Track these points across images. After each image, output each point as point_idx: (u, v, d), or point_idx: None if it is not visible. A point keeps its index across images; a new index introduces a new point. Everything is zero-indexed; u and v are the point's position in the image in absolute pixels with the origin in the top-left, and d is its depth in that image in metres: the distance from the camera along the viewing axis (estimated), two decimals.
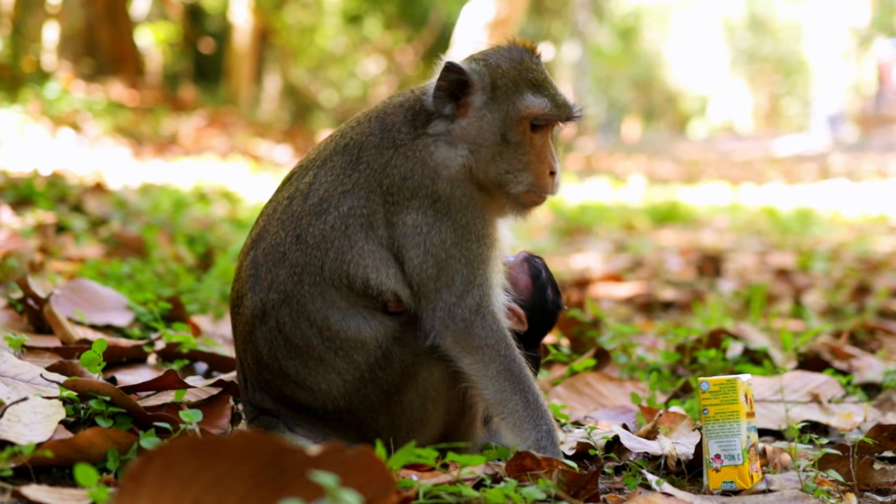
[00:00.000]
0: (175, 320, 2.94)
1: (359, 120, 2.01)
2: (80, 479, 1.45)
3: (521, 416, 1.89)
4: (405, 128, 1.94)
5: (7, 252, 3.64)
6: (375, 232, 1.88)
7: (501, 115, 1.94)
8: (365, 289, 1.87)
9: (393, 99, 2.02)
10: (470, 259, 1.88)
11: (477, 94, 1.94)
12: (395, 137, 1.93)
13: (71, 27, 14.59)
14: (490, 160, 1.93)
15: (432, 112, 1.93)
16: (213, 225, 5.95)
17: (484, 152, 1.93)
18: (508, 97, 1.94)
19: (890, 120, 26.26)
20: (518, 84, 1.95)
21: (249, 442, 1.32)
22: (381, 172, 1.91)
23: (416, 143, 1.92)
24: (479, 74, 1.94)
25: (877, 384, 2.95)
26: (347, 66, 23.03)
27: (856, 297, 5.14)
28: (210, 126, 14.76)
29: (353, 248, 1.87)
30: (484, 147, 1.93)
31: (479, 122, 1.93)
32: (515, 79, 1.95)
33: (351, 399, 1.89)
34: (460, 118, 1.93)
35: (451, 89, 1.93)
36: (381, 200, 1.90)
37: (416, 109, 1.95)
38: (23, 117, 10.80)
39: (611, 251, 7.36)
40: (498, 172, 1.93)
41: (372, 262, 1.87)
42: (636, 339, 3.36)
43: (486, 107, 1.93)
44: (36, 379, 2.02)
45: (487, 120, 1.93)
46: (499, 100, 1.94)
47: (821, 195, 12.59)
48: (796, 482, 1.96)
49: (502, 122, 1.94)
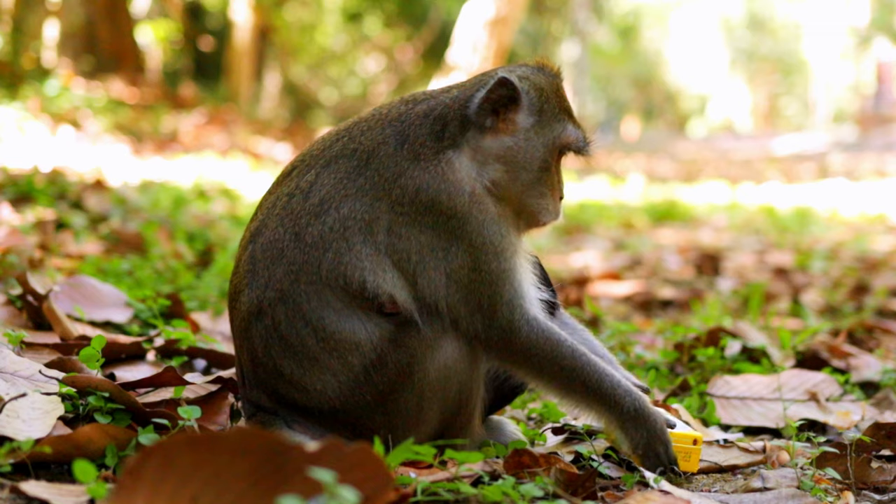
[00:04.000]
0: (174, 317, 2.94)
1: (370, 125, 1.95)
2: (79, 474, 1.45)
3: (598, 407, 1.90)
4: (430, 140, 1.90)
5: (7, 248, 3.64)
6: (374, 237, 1.86)
7: (546, 140, 1.94)
8: (361, 291, 1.86)
9: (415, 107, 1.95)
10: (492, 280, 1.87)
11: (523, 114, 1.93)
12: (416, 150, 1.89)
13: (71, 24, 14.59)
14: (529, 184, 1.93)
15: (465, 122, 1.90)
16: (212, 222, 5.95)
17: (524, 176, 1.93)
18: (553, 124, 1.95)
19: (889, 119, 26.28)
20: (560, 112, 1.96)
21: (247, 438, 1.33)
22: (392, 182, 1.88)
23: (438, 156, 1.89)
24: (529, 96, 1.93)
25: (874, 383, 2.96)
26: (347, 63, 23.03)
27: (854, 295, 5.15)
28: (210, 123, 14.75)
29: (351, 251, 1.86)
30: (525, 171, 1.93)
31: (526, 143, 1.92)
32: (557, 106, 1.97)
33: (346, 399, 1.89)
34: (501, 135, 1.92)
35: (498, 104, 1.91)
36: (388, 209, 1.87)
37: (446, 120, 1.91)
38: (23, 114, 10.79)
39: (609, 249, 7.36)
40: (532, 196, 1.94)
41: (369, 265, 1.86)
42: (635, 337, 3.36)
43: (534, 129, 1.93)
44: (35, 375, 2.02)
45: (533, 143, 1.93)
46: (545, 125, 1.94)
47: (819, 194, 12.60)
48: (794, 480, 1.96)
49: (546, 148, 1.94)
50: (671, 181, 14.97)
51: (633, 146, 24.98)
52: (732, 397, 2.62)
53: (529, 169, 1.93)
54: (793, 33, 39.48)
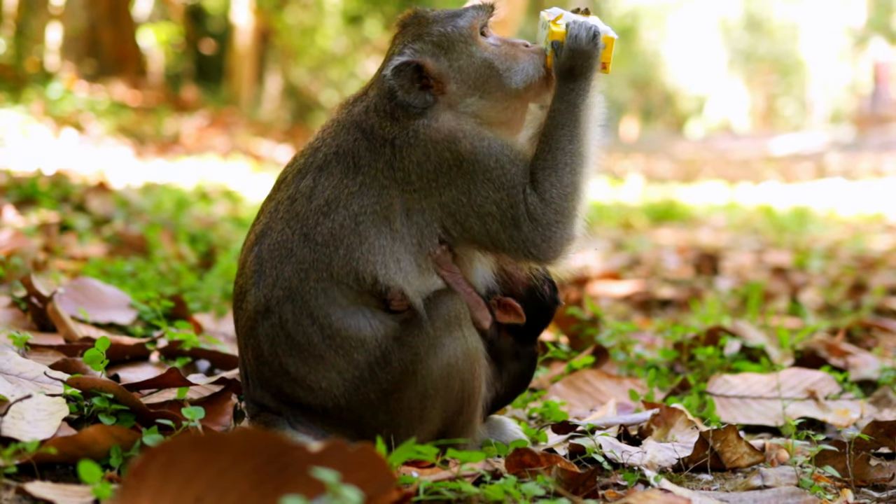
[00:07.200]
0: (177, 318, 2.95)
1: (335, 132, 2.00)
2: (84, 475, 1.46)
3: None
4: (387, 123, 1.95)
5: (11, 251, 3.66)
6: (391, 226, 1.90)
7: (470, 48, 1.99)
8: (373, 284, 1.88)
9: (353, 109, 2.01)
10: (515, 182, 1.93)
11: (437, 63, 1.97)
12: (384, 136, 1.94)
13: (74, 28, 14.60)
14: (498, 80, 1.98)
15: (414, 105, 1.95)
16: (214, 224, 5.96)
17: (490, 84, 1.98)
18: (453, 38, 1.99)
19: (886, 119, 26.28)
20: (445, 23, 2.01)
21: (251, 439, 1.34)
22: (388, 168, 1.92)
23: (408, 131, 1.94)
24: (426, 52, 1.98)
25: (873, 381, 2.97)
26: (348, 66, 23.02)
27: (852, 294, 5.16)
28: (212, 126, 14.77)
29: (364, 245, 1.89)
30: (485, 82, 1.98)
31: (462, 73, 1.98)
32: (439, 21, 2.01)
33: (350, 397, 1.90)
34: (444, 91, 1.96)
35: (415, 81, 1.95)
36: (399, 192, 1.91)
37: (388, 108, 1.95)
38: (26, 117, 10.81)
39: (609, 249, 7.37)
40: (509, 80, 1.99)
41: (381, 258, 1.89)
42: (634, 336, 3.37)
43: (455, 57, 1.98)
44: (40, 377, 2.04)
45: (466, 63, 1.98)
46: (455, 42, 1.99)
47: (817, 194, 12.61)
48: (793, 478, 1.97)
49: (475, 55, 1.99)
50: (670, 181, 14.98)
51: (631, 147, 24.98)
52: (732, 396, 2.63)
53: (485, 76, 1.99)
54: (790, 34, 39.48)
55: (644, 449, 2.09)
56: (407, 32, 2.03)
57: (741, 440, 2.11)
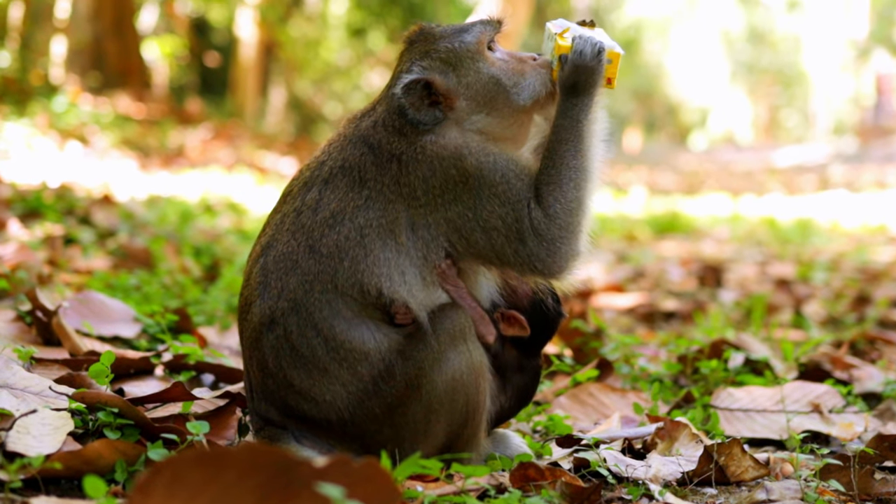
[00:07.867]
0: (182, 332, 2.96)
1: (342, 146, 2.01)
2: (89, 490, 1.46)
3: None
4: (395, 139, 1.97)
5: (16, 264, 3.68)
6: (396, 239, 1.91)
7: (477, 64, 2.00)
8: (377, 297, 1.89)
9: (360, 124, 2.02)
10: (520, 197, 1.95)
11: (445, 80, 1.98)
12: (391, 151, 1.96)
13: (78, 41, 14.72)
14: (505, 96, 2.00)
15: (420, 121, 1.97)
16: (219, 236, 5.98)
17: (498, 100, 2.00)
18: (461, 54, 2.00)
19: (888, 131, 26.30)
20: (453, 39, 2.02)
21: (256, 454, 1.34)
22: (394, 183, 1.93)
23: (415, 147, 1.95)
24: (434, 69, 1.99)
25: (877, 394, 2.96)
26: (352, 78, 23.13)
27: (856, 307, 5.14)
28: (216, 138, 14.84)
29: (369, 257, 1.90)
30: (492, 98, 2.00)
31: (470, 89, 1.99)
32: (446, 37, 2.02)
33: (355, 411, 1.90)
34: (453, 106, 1.98)
35: (424, 98, 1.97)
36: (404, 207, 1.92)
37: (397, 124, 1.97)
38: (31, 130, 10.88)
39: (612, 262, 7.37)
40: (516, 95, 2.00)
41: (386, 271, 1.90)
42: (638, 349, 3.37)
43: (462, 74, 1.99)
44: (45, 391, 2.04)
45: (473, 79, 2.00)
46: (463, 59, 2.00)
47: (820, 206, 12.60)
48: (798, 492, 1.97)
49: (482, 69, 2.00)
50: (673, 193, 14.99)
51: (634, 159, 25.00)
52: (736, 409, 2.62)
53: (492, 92, 2.00)
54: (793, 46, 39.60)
55: (648, 462, 2.09)
56: (414, 49, 2.04)
57: (745, 454, 2.10)
